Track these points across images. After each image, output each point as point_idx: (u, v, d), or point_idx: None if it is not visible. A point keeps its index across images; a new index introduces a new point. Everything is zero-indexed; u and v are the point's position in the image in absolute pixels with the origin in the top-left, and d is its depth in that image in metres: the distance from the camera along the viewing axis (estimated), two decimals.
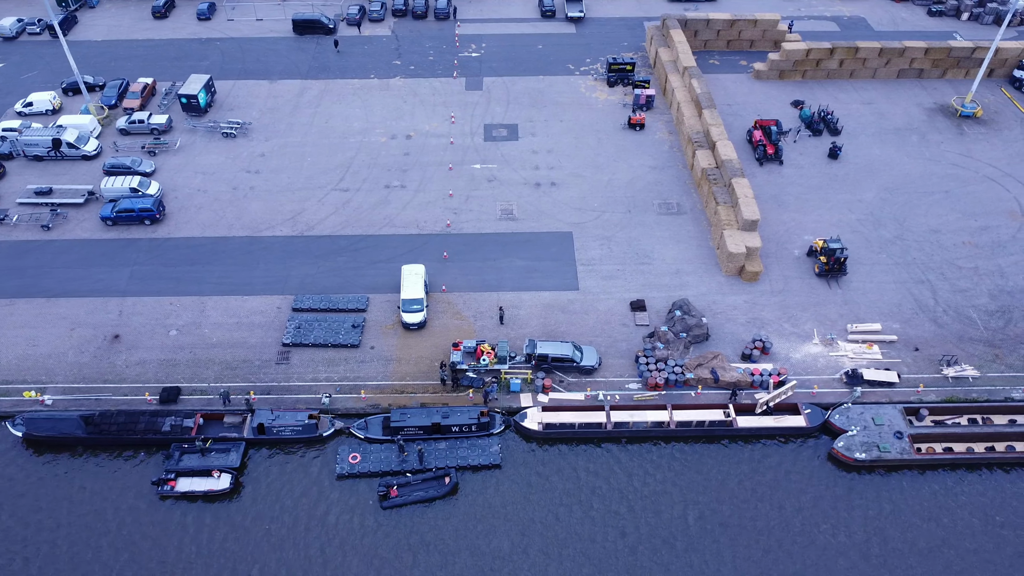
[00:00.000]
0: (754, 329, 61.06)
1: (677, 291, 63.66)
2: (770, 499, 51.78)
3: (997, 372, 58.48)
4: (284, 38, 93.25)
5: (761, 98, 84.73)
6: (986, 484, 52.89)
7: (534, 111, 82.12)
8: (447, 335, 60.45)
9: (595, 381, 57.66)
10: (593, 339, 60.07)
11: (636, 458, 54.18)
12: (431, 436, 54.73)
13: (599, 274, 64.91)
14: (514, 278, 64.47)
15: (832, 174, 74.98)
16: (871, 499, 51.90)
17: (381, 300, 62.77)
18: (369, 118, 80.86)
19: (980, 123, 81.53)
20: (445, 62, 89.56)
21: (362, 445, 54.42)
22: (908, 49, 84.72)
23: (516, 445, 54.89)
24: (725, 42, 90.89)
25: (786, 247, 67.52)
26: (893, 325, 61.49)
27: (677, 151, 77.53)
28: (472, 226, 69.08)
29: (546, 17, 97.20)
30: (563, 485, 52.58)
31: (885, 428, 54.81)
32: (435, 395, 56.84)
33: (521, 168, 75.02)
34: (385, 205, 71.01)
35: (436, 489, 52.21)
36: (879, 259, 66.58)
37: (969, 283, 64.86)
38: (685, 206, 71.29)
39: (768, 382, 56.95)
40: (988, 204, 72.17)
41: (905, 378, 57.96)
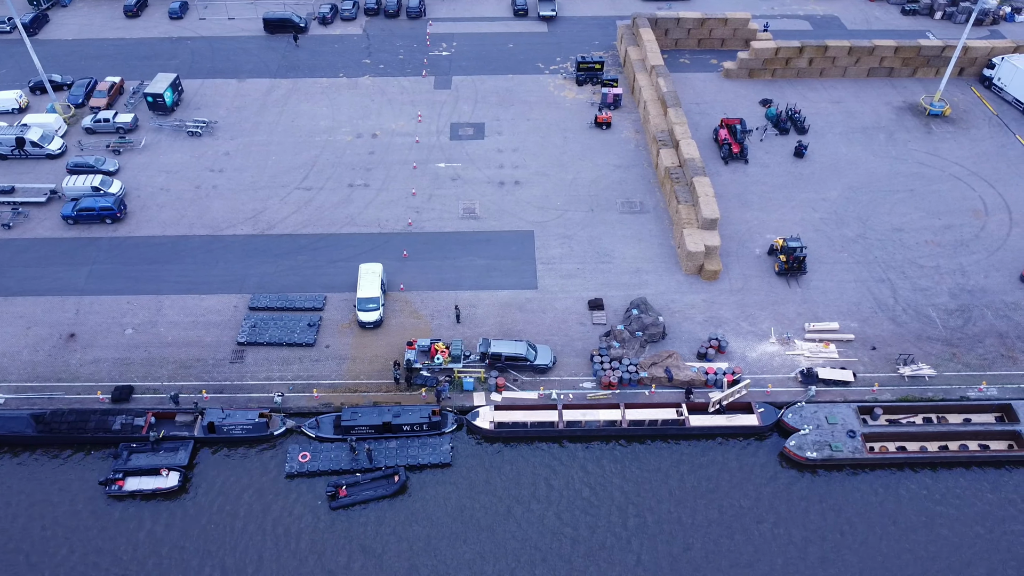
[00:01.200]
0: (711, 328, 60.84)
1: (636, 290, 63.46)
2: (720, 497, 51.55)
3: (954, 371, 58.25)
4: (255, 37, 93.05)
5: (730, 97, 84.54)
6: (938, 483, 52.61)
7: (501, 110, 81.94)
8: (403, 334, 60.22)
9: (549, 380, 57.42)
10: (549, 338, 59.87)
11: (588, 457, 53.92)
12: (382, 435, 54.61)
13: (558, 273, 64.71)
14: (473, 277, 64.26)
15: (797, 173, 74.78)
16: (820, 498, 51.62)
17: (339, 299, 62.56)
18: (336, 117, 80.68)
19: (948, 122, 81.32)
20: (415, 61, 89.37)
21: (313, 444, 54.26)
22: (878, 48, 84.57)
23: (468, 444, 54.67)
24: (696, 41, 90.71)
25: (747, 246, 67.33)
26: (851, 324, 61.29)
27: (643, 150, 77.34)
28: (434, 225, 68.88)
29: (518, 16, 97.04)
30: (513, 484, 52.33)
31: (838, 427, 54.58)
32: (388, 394, 56.60)
33: (486, 167, 74.84)
34: (347, 204, 70.82)
35: (385, 488, 51.97)
36: (840, 258, 66.38)
37: (930, 282, 64.65)
38: (648, 205, 71.10)
39: (722, 381, 56.79)
40: (953, 203, 71.96)
41: (861, 377, 57.75)
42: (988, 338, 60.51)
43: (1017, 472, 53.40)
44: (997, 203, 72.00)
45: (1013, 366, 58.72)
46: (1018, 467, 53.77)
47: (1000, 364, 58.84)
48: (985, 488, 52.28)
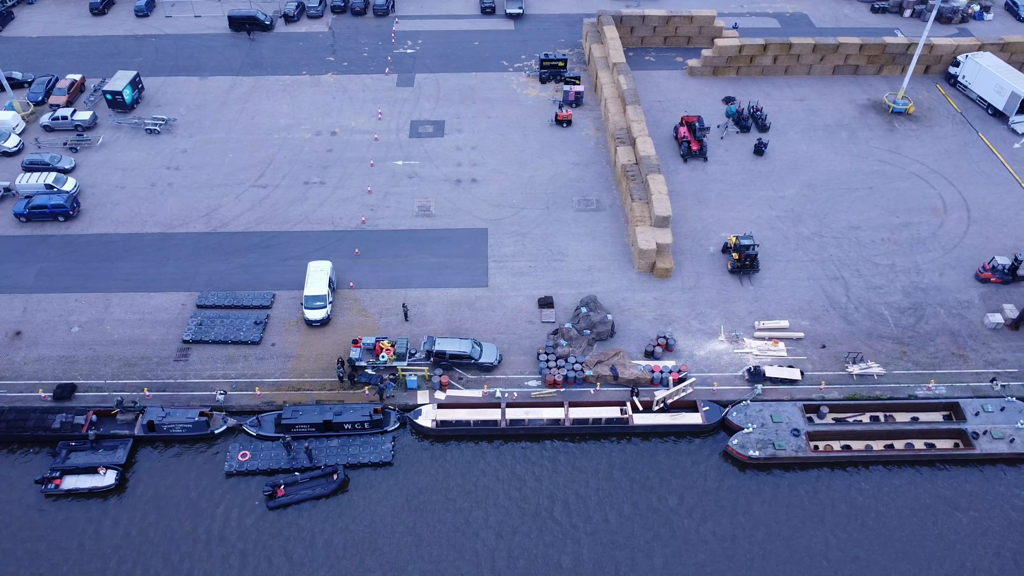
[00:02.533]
0: (661, 326, 60.41)
1: (587, 288, 63.06)
2: (658, 495, 51.11)
3: (903, 369, 57.80)
4: (220, 35, 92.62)
5: (693, 94, 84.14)
6: (882, 482, 52.19)
7: (463, 107, 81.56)
8: (351, 332, 59.80)
9: (495, 378, 57.00)
10: (497, 336, 59.46)
11: (530, 456, 53.46)
12: (323, 434, 54.24)
13: (510, 271, 64.29)
14: (424, 275, 63.85)
15: (756, 171, 74.37)
16: (760, 496, 51.20)
17: (287, 297, 62.10)
18: (296, 115, 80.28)
19: (912, 119, 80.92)
20: (379, 58, 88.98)
21: (254, 443, 53.88)
22: (843, 46, 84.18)
23: (410, 443, 54.28)
24: (662, 38, 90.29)
25: (702, 244, 66.92)
26: (802, 322, 60.86)
27: (603, 148, 76.93)
28: (388, 223, 68.46)
29: (486, 14, 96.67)
30: (454, 482, 51.90)
31: (783, 426, 54.14)
32: (332, 392, 56.17)
33: (443, 164, 74.45)
34: (302, 202, 70.41)
35: (324, 487, 51.49)
36: (795, 256, 65.94)
37: (884, 280, 64.23)
38: (605, 203, 70.70)
39: (668, 379, 56.41)
40: (912, 201, 71.55)
41: (809, 375, 57.32)
42: (940, 336, 60.11)
43: (962, 471, 53.03)
44: (956, 201, 71.58)
45: (963, 365, 58.33)
46: (963, 466, 53.53)
47: (950, 363, 58.42)
48: (928, 487, 51.84)
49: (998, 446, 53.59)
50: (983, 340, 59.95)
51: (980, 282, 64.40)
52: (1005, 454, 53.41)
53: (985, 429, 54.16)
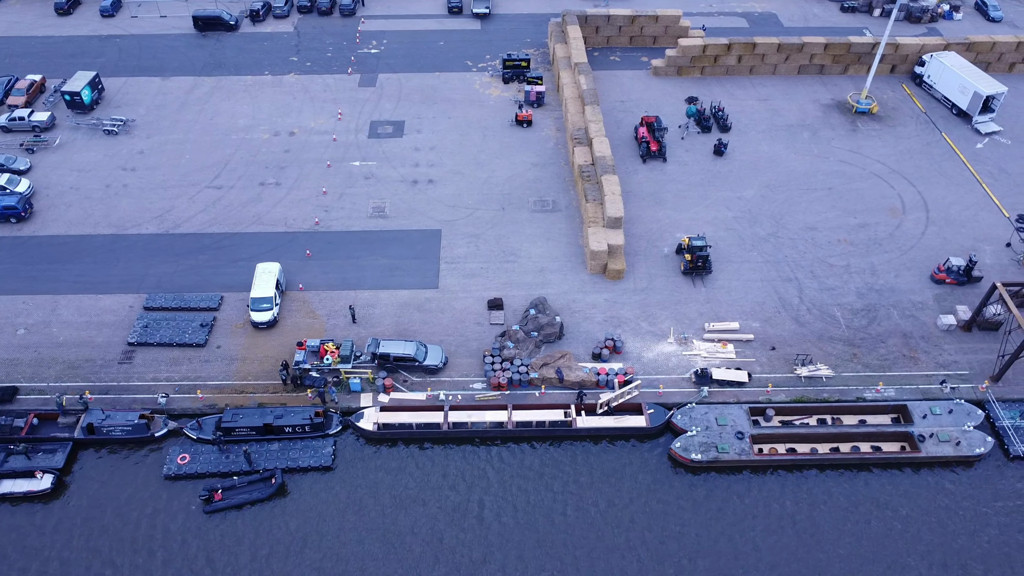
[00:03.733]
0: (611, 328, 59.97)
1: (539, 289, 62.56)
2: (598, 499, 50.69)
3: (852, 372, 57.34)
4: (185, 35, 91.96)
5: (657, 94, 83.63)
6: (824, 485, 51.74)
7: (424, 108, 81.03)
8: (298, 334, 59.32)
9: (440, 381, 56.56)
10: (445, 338, 58.99)
11: (472, 459, 53.00)
12: (264, 437, 53.79)
13: (461, 272, 63.81)
14: (374, 276, 63.36)
15: (715, 171, 73.87)
16: (700, 498, 50.79)
17: (236, 299, 61.60)
18: (256, 115, 79.73)
19: (875, 119, 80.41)
20: (343, 58, 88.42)
21: (194, 446, 53.49)
22: (807, 45, 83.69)
23: (352, 446, 53.87)
24: (628, 38, 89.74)
25: (656, 245, 66.42)
26: (753, 324, 60.38)
27: (562, 148, 76.41)
28: (341, 224, 67.97)
29: (453, 13, 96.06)
30: (394, 486, 51.43)
31: (728, 429, 53.68)
32: (275, 395, 55.74)
33: (401, 165, 73.95)
34: (256, 203, 69.90)
35: (261, 491, 51.02)
36: (749, 257, 65.47)
37: (838, 281, 63.75)
38: (561, 203, 70.21)
39: (613, 382, 55.97)
40: (870, 201, 71.07)
41: (757, 378, 56.85)
42: (891, 338, 59.64)
43: (906, 474, 52.55)
44: (916, 201, 71.11)
45: (914, 367, 57.84)
46: (908, 469, 53.09)
47: (901, 364, 57.94)
48: (864, 489, 51.43)
49: (944, 449, 53.13)
50: (935, 342, 59.48)
51: (935, 283, 63.93)
52: (951, 457, 52.95)
53: (932, 432, 53.70)
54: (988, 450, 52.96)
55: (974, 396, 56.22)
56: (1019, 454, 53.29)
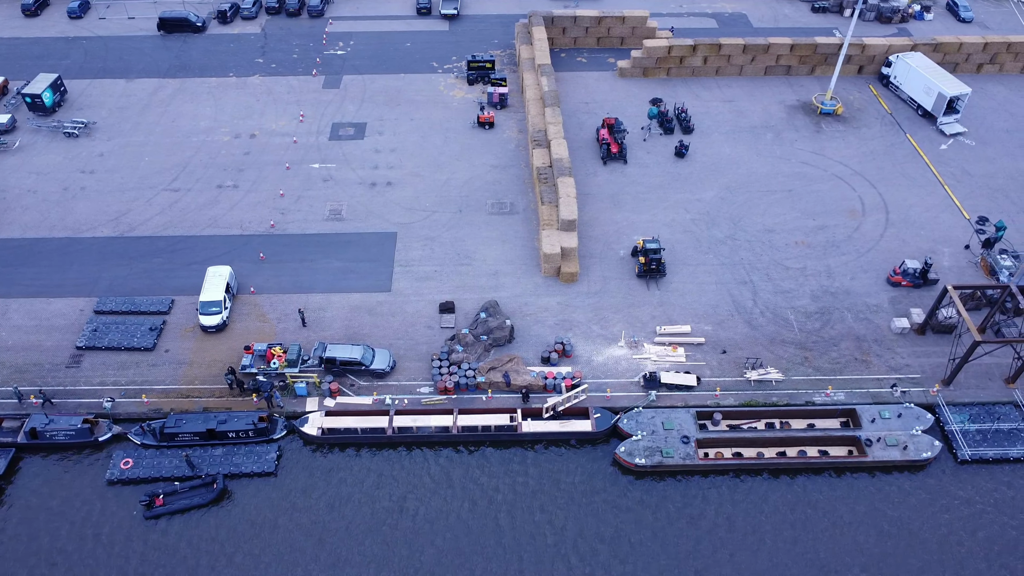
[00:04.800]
0: (562, 331, 59.69)
1: (492, 292, 62.28)
2: (538, 504, 50.31)
3: (803, 375, 57.03)
4: (152, 36, 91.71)
5: (622, 96, 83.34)
6: (767, 490, 51.39)
7: (387, 110, 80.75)
8: (247, 337, 59.03)
9: (387, 385, 56.28)
10: (395, 342, 58.71)
11: (417, 464, 52.66)
12: (208, 442, 53.53)
13: (415, 275, 63.53)
14: (327, 279, 63.08)
15: (676, 173, 73.58)
16: (635, 504, 50.40)
17: (187, 302, 61.28)
18: (218, 117, 79.50)
19: (840, 120, 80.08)
20: (309, 60, 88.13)
21: (139, 451, 53.24)
22: (773, 46, 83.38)
23: (297, 451, 53.58)
24: (595, 39, 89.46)
25: (613, 247, 66.13)
26: (705, 327, 60.08)
27: (523, 150, 76.11)
28: (297, 227, 67.70)
29: (421, 14, 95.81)
30: (336, 492, 51.10)
31: (673, 433, 53.40)
32: (221, 399, 55.49)
33: (360, 167, 73.68)
34: (213, 205, 69.64)
35: (202, 497, 50.70)
36: (705, 259, 65.16)
37: (794, 284, 63.44)
38: (519, 206, 69.91)
39: (561, 386, 55.68)
40: (830, 203, 70.74)
41: (706, 381, 56.57)
42: (844, 341, 59.32)
43: (855, 478, 52.21)
44: (876, 203, 70.77)
45: (866, 370, 57.52)
46: (857, 473, 52.76)
47: (853, 368, 57.62)
48: (801, 494, 51.02)
49: (891, 453, 52.81)
50: (888, 345, 59.16)
51: (891, 286, 63.68)
52: (898, 461, 52.61)
53: (879, 436, 53.38)
54: (936, 454, 52.70)
55: (925, 400, 56.02)
56: (967, 458, 53.12)
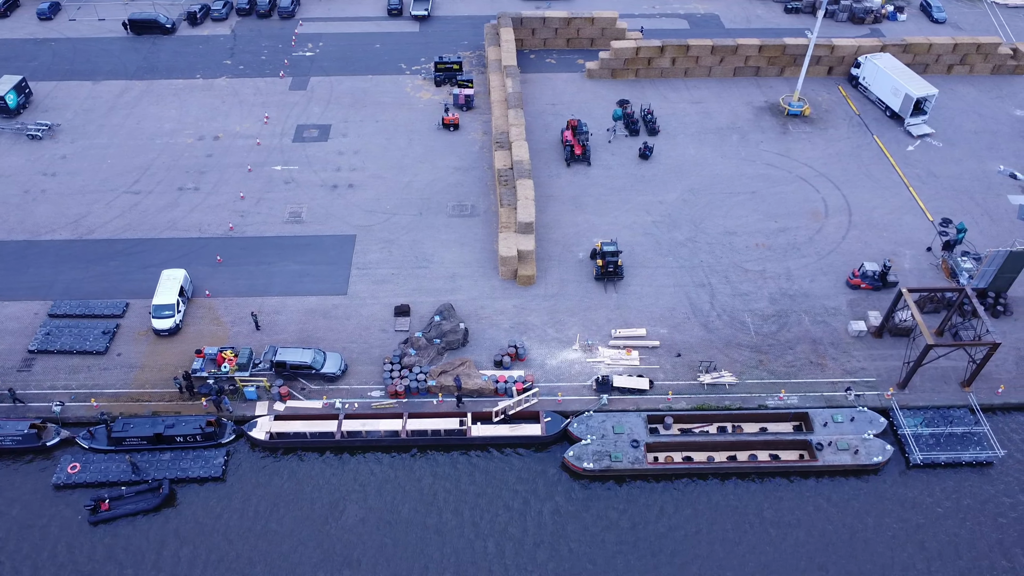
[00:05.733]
0: (517, 334, 59.40)
1: (448, 295, 61.99)
2: (482, 509, 50.07)
3: (756, 379, 56.74)
4: (121, 38, 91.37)
5: (590, 97, 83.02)
6: (718, 494, 51.07)
7: (352, 111, 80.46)
8: (200, 341, 58.74)
9: (338, 389, 55.98)
10: (348, 345, 58.45)
11: (364, 468, 52.41)
12: (157, 447, 53.27)
13: (372, 278, 63.24)
14: (284, 282, 62.78)
15: (639, 175, 73.27)
16: (588, 507, 50.18)
17: (141, 306, 60.97)
18: (182, 119, 79.20)
19: (807, 122, 79.75)
20: (277, 61, 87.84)
21: (86, 455, 52.97)
22: (741, 47, 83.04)
23: (245, 456, 53.27)
24: (565, 40, 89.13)
25: (572, 250, 65.81)
26: (661, 330, 59.78)
27: (487, 152, 75.78)
28: (256, 229, 67.41)
29: (392, 16, 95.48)
30: (285, 496, 50.80)
31: (624, 437, 53.12)
32: (171, 403, 55.21)
33: (323, 170, 73.38)
34: (173, 208, 69.36)
35: (148, 502, 50.45)
36: (665, 262, 64.83)
37: (752, 287, 63.13)
38: (480, 208, 69.60)
39: (512, 390, 55.40)
40: (793, 205, 70.42)
41: (659, 385, 56.29)
42: (800, 344, 59.00)
43: (806, 483, 51.87)
44: (840, 205, 70.44)
45: (820, 373, 57.20)
46: (808, 477, 52.43)
47: (807, 371, 57.30)
48: (745, 498, 50.78)
49: (842, 457, 52.50)
50: (844, 348, 58.85)
51: (851, 289, 63.41)
52: (848, 465, 52.29)
53: (831, 440, 53.10)
54: (887, 459, 52.41)
55: (879, 404, 55.71)
56: (918, 463, 52.84)
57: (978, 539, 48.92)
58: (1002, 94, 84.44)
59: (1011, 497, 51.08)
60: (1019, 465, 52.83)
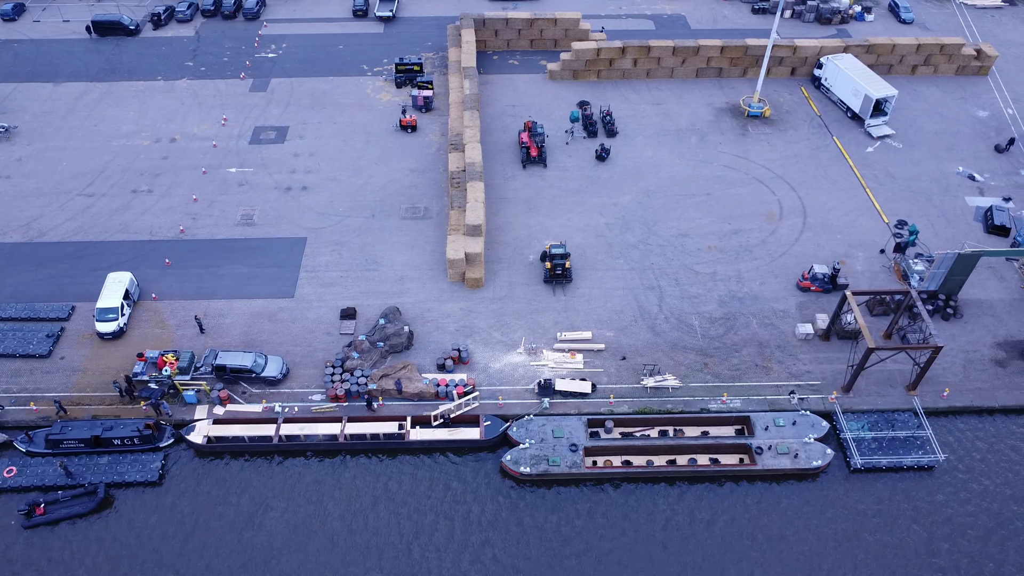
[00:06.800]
0: (462, 338, 59.17)
1: (396, 298, 61.74)
2: (425, 511, 49.86)
3: (701, 382, 56.52)
4: (84, 40, 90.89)
5: (551, 98, 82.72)
6: (656, 498, 50.83)
7: (311, 113, 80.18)
8: (144, 345, 58.47)
9: (279, 392, 55.78)
10: (292, 348, 58.18)
11: (302, 472, 52.16)
12: (95, 450, 53.06)
13: (320, 281, 62.98)
14: (231, 285, 62.52)
15: (595, 177, 72.99)
16: (524, 512, 49.92)
17: (87, 309, 60.68)
18: (141, 121, 78.90)
19: (767, 123, 79.42)
20: (239, 63, 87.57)
21: (24, 459, 52.77)
22: (703, 48, 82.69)
23: (183, 460, 53.06)
24: (528, 41, 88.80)
25: (523, 252, 65.54)
26: (607, 333, 59.52)
27: (444, 153, 75.41)
28: (207, 232, 67.16)
29: (358, 17, 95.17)
30: (220, 500, 50.60)
31: (563, 441, 52.89)
32: (111, 407, 55.05)
33: (278, 172, 73.12)
34: (126, 210, 69.10)
35: (83, 506, 50.26)
36: (615, 264, 64.58)
37: (702, 289, 62.86)
38: (433, 210, 69.31)
39: (452, 393, 55.16)
40: (748, 207, 70.14)
41: (602, 388, 56.04)
42: (746, 347, 58.73)
43: (746, 487, 51.55)
44: (795, 207, 70.13)
45: (765, 377, 56.92)
46: (748, 481, 52.17)
47: (752, 375, 57.03)
48: (676, 502, 50.55)
49: (781, 461, 52.21)
50: (791, 351, 58.58)
51: (801, 291, 63.14)
52: (788, 470, 52.00)
53: (770, 444, 52.85)
54: (827, 463, 52.15)
55: (823, 407, 55.46)
56: (859, 467, 52.59)
57: (911, 544, 48.67)
58: (965, 95, 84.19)
59: (949, 502, 50.82)
60: (960, 469, 52.64)
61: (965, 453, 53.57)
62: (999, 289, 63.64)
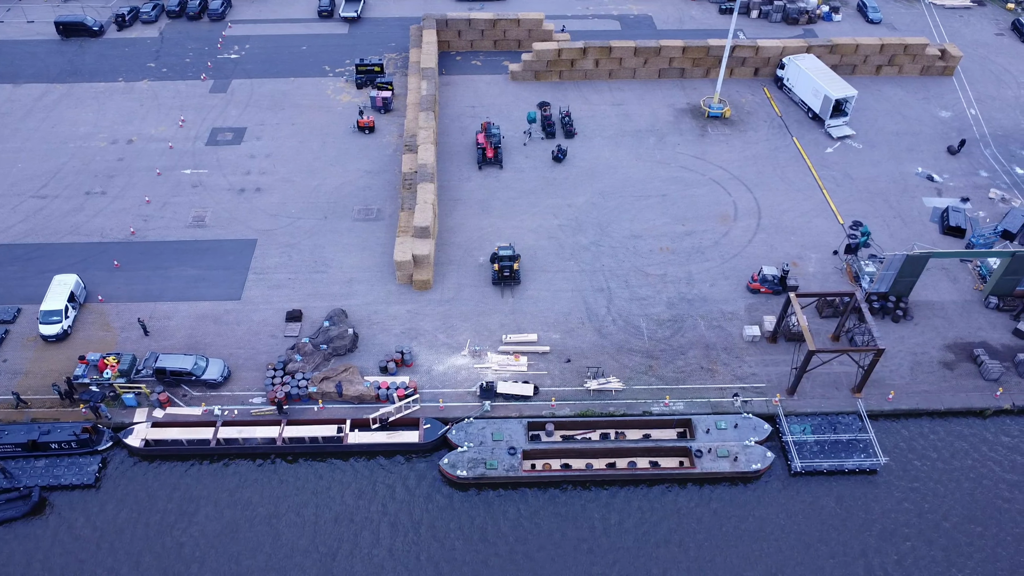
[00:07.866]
0: (407, 340, 58.90)
1: (343, 300, 61.47)
2: (352, 517, 49.62)
3: (644, 385, 56.22)
4: (47, 41, 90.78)
5: (511, 99, 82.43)
6: (593, 502, 50.59)
7: (270, 114, 79.90)
8: (88, 347, 58.20)
9: (220, 395, 55.53)
10: (235, 351, 57.90)
11: (239, 476, 51.93)
12: (31, 453, 52.80)
13: (268, 283, 62.70)
14: (178, 288, 62.28)
15: (551, 178, 72.70)
16: (462, 517, 49.71)
17: (33, 311, 60.34)
18: (98, 123, 78.65)
19: (727, 124, 79.11)
20: (201, 64, 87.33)
21: None
22: (664, 48, 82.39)
23: (121, 463, 52.79)
24: (492, 42, 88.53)
25: (473, 254, 65.25)
26: (553, 336, 59.22)
27: (400, 155, 75.31)
28: (158, 234, 66.88)
29: (323, 17, 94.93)
30: (157, 504, 50.33)
31: (502, 444, 52.62)
32: (51, 410, 54.82)
33: (232, 173, 72.85)
34: (78, 212, 68.83)
35: (17, 509, 50.00)
36: (566, 266, 64.29)
37: (651, 291, 62.57)
38: (386, 212, 69.03)
39: (393, 396, 54.89)
40: (703, 208, 69.83)
41: (545, 391, 55.75)
42: (693, 350, 58.46)
43: (685, 490, 51.29)
44: (750, 208, 69.84)
45: (710, 379, 56.63)
46: (689, 484, 51.90)
47: (697, 377, 56.75)
48: (635, 507, 50.26)
49: (720, 464, 51.93)
50: (737, 354, 58.28)
51: (751, 293, 62.85)
52: (727, 473, 51.73)
53: (710, 447, 52.59)
54: (767, 466, 51.86)
55: (767, 410, 55.16)
56: (799, 470, 52.28)
57: (841, 546, 48.39)
58: (929, 95, 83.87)
59: (886, 505, 50.51)
60: (901, 473, 52.34)
61: (907, 457, 53.28)
62: (952, 291, 63.36)
